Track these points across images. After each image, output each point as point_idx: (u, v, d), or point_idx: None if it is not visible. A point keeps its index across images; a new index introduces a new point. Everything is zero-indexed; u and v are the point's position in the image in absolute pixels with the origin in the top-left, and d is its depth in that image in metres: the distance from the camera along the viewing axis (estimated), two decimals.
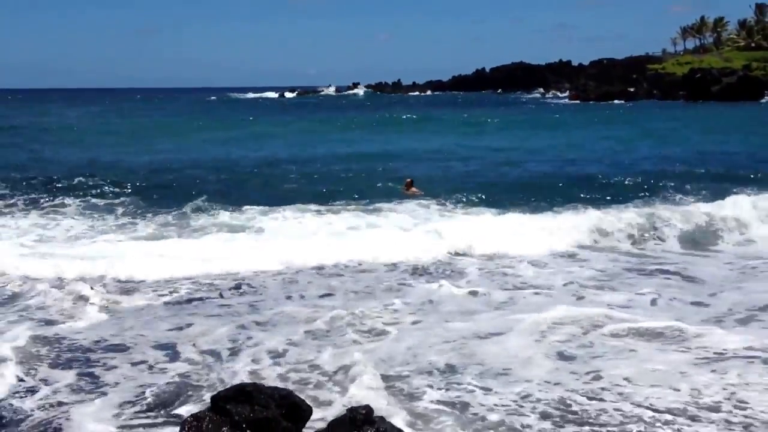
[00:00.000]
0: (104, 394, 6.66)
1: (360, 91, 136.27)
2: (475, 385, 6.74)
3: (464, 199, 17.27)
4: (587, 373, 7.05)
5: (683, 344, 7.96)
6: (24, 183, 19.36)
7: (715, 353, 7.64)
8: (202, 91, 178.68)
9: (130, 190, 18.54)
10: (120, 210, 16.07)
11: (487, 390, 6.65)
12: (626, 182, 20.46)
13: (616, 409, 6.25)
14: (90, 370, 7.29)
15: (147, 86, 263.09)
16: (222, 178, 21.64)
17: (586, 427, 5.95)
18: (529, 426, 5.98)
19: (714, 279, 11.06)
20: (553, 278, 11.07)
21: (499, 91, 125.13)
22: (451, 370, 7.15)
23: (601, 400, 6.45)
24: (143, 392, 6.63)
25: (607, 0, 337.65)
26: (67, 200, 17.07)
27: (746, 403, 6.39)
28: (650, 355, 7.60)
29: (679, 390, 6.64)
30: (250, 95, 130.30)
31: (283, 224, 14.39)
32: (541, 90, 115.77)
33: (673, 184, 19.20)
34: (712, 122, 46.06)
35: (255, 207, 15.82)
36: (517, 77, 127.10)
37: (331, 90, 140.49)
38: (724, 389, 6.67)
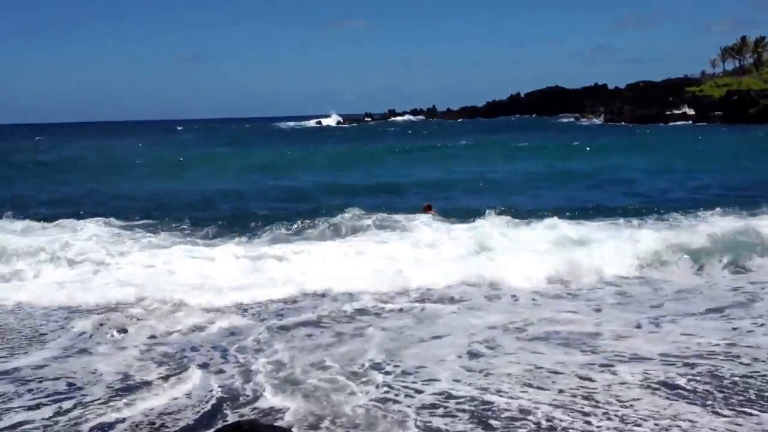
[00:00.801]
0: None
1: (402, 118, 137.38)
2: (394, 380, 7.65)
3: (482, 225, 16.37)
4: (480, 371, 7.81)
5: (593, 347, 8.52)
6: (94, 216, 19.34)
7: (623, 356, 8.17)
8: (242, 121, 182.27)
9: (163, 220, 19.12)
10: (151, 237, 16.29)
11: (401, 383, 7.58)
12: (639, 205, 20.23)
13: (489, 402, 6.98)
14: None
15: (188, 117, 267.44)
16: (257, 205, 22.57)
17: (461, 415, 6.70)
18: (430, 414, 6.76)
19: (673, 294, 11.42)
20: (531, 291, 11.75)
21: (534, 115, 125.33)
22: (377, 367, 8.05)
23: (482, 391, 7.24)
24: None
25: (647, 21, 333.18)
26: (122, 232, 16.99)
27: (623, 401, 6.92)
28: (552, 356, 8.24)
29: (561, 389, 7.23)
30: (291, 124, 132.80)
31: (303, 251, 14.46)
32: (577, 114, 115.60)
33: (697, 207, 18.52)
34: (743, 145, 45.77)
35: (281, 237, 16.15)
36: (551, 102, 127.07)
37: (370, 118, 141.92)
38: (607, 388, 7.21)
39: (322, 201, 23.05)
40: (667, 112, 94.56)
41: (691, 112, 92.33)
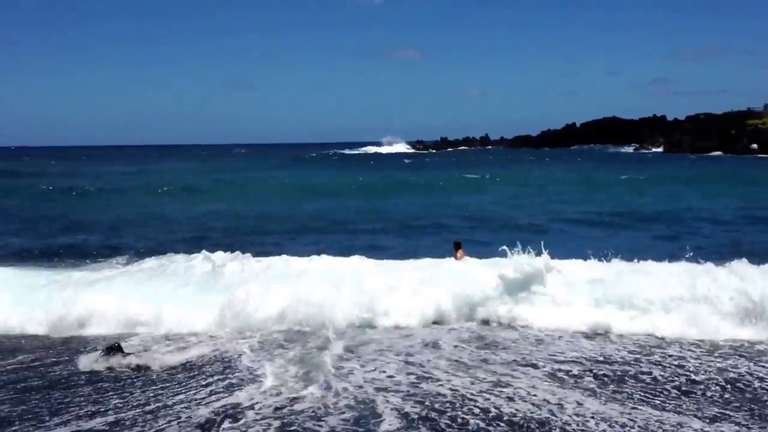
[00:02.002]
0: None
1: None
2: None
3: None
4: (413, 363, 9.50)
5: (521, 351, 10.08)
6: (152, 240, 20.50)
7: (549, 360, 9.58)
8: (295, 147, 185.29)
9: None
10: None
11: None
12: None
13: (418, 385, 8.68)
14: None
15: (240, 142, 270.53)
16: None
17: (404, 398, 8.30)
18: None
19: None
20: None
21: (591, 145, 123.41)
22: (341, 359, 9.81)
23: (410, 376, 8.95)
24: None
25: (709, 52, 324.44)
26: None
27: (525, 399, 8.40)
28: (482, 356, 9.76)
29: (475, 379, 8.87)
30: (347, 151, 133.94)
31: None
32: (635, 145, 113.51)
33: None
34: None
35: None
36: (608, 132, 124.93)
37: (421, 146, 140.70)
38: (512, 381, 8.69)
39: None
40: (730, 145, 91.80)
41: (754, 146, 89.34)
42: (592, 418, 7.46)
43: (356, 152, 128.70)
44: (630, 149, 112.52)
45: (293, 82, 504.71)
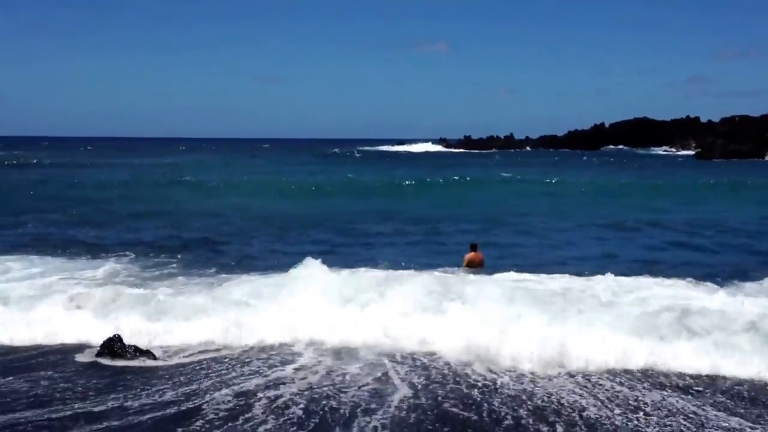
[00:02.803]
0: None
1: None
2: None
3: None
4: None
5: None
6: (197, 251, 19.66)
7: None
8: (317, 143, 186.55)
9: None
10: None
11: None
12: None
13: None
14: None
15: (265, 136, 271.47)
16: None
17: None
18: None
19: None
20: None
21: (620, 147, 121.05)
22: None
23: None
24: None
25: (755, 51, 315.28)
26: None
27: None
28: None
29: None
30: (379, 147, 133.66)
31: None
32: (666, 147, 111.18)
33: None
34: None
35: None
36: (638, 133, 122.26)
37: (444, 143, 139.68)
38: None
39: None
40: (764, 149, 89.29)
41: None
42: None
43: (379, 149, 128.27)
44: (660, 151, 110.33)
45: (318, 75, 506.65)
